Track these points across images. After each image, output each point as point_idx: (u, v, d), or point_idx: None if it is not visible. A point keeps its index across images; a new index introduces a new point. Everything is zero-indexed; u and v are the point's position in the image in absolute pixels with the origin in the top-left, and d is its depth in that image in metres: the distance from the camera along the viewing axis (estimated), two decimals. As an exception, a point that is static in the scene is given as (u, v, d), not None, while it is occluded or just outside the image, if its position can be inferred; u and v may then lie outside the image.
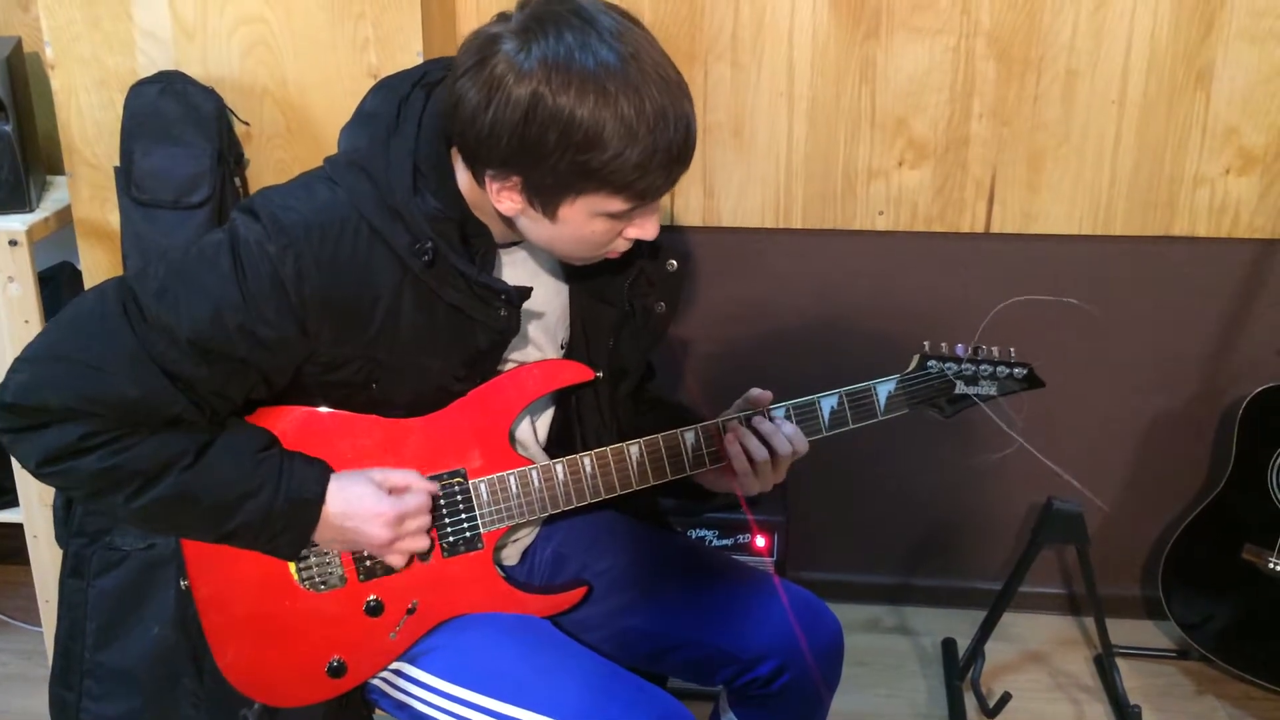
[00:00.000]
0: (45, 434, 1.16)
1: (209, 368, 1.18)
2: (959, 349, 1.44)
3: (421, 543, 1.30)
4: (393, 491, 1.28)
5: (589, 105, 1.10)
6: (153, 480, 1.19)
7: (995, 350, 1.45)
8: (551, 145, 1.12)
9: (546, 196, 1.17)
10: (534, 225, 1.22)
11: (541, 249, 1.30)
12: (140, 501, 1.19)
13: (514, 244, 1.32)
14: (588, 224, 1.20)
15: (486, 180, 1.19)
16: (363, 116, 1.25)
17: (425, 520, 1.30)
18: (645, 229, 1.24)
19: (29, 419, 1.16)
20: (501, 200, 1.20)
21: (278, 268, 1.16)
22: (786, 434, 1.35)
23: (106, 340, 1.16)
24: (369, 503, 1.26)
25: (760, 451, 1.33)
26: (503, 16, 1.16)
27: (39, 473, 1.18)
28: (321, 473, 1.26)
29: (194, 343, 1.16)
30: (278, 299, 1.17)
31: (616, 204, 1.17)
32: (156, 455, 1.18)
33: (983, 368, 1.44)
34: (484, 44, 1.14)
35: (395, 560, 1.31)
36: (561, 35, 1.11)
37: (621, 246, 1.27)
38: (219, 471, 1.21)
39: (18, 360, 1.17)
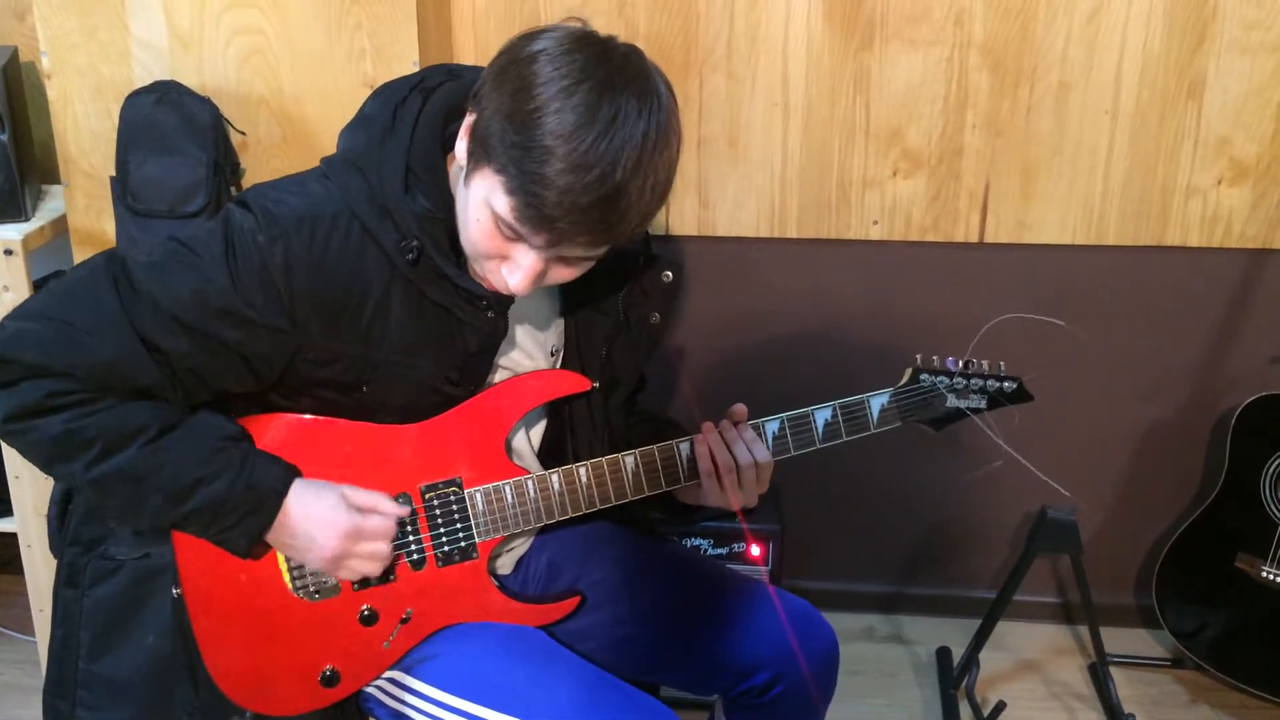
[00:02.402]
0: (15, 390, 1.16)
1: (188, 343, 1.18)
2: (950, 362, 1.45)
3: (370, 567, 1.28)
4: (358, 509, 1.27)
5: (559, 100, 1.08)
6: (113, 449, 1.18)
7: (985, 364, 1.47)
8: (507, 92, 1.10)
9: (476, 151, 1.14)
10: (462, 193, 1.19)
11: None
12: (98, 470, 1.18)
13: None
14: (477, 207, 1.15)
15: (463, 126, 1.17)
16: (361, 119, 1.26)
17: (381, 547, 1.28)
18: (511, 275, 1.18)
19: (3, 374, 1.16)
20: (460, 141, 1.18)
21: (266, 258, 1.17)
22: (746, 440, 1.34)
23: (91, 304, 1.17)
24: (327, 513, 1.25)
25: (724, 455, 1.34)
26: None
27: (4, 430, 1.18)
28: (287, 470, 1.26)
29: (176, 317, 1.17)
30: (265, 288, 1.18)
31: (500, 200, 1.12)
32: (121, 424, 1.18)
33: (973, 381, 1.45)
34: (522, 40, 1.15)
35: (344, 574, 1.29)
36: (598, 65, 1.10)
37: (494, 275, 1.20)
38: (180, 452, 1.20)
39: (4, 318, 1.18)
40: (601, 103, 1.08)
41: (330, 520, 1.25)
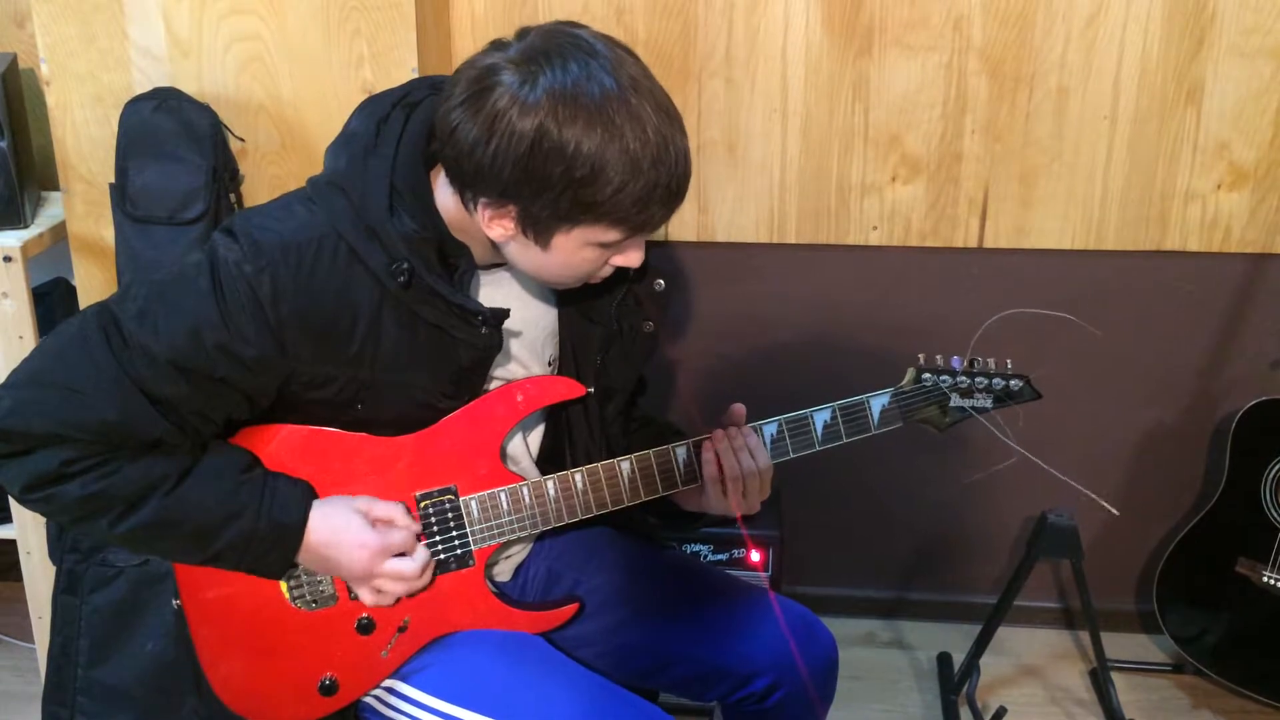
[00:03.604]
0: (29, 460, 1.16)
1: (189, 388, 1.18)
2: (954, 361, 1.42)
3: (398, 587, 1.29)
4: (377, 523, 1.28)
5: (595, 139, 1.10)
6: (135, 506, 1.19)
7: (991, 362, 1.43)
8: (555, 179, 1.12)
9: (541, 227, 1.18)
10: (522, 251, 1.23)
11: (525, 274, 1.30)
12: (124, 527, 1.19)
13: (497, 265, 1.33)
14: (578, 253, 1.21)
15: (479, 207, 1.19)
16: (345, 136, 1.26)
17: (408, 565, 1.28)
18: (631, 258, 1.25)
19: (13, 445, 1.16)
20: (492, 227, 1.20)
21: (255, 288, 1.17)
22: (750, 446, 1.34)
23: (87, 364, 1.16)
24: (353, 533, 1.26)
25: (730, 463, 1.34)
26: (498, 45, 1.16)
27: (24, 499, 1.19)
28: (304, 496, 1.26)
29: (173, 363, 1.16)
30: (256, 319, 1.17)
31: (612, 235, 1.18)
32: (138, 481, 1.18)
33: (978, 380, 1.42)
34: (482, 74, 1.13)
35: (367, 596, 1.30)
36: (566, 67, 1.11)
37: (605, 273, 1.28)
38: (201, 496, 1.21)
39: (0, 388, 1.17)
40: (624, 95, 1.11)
41: (358, 541, 1.26)
